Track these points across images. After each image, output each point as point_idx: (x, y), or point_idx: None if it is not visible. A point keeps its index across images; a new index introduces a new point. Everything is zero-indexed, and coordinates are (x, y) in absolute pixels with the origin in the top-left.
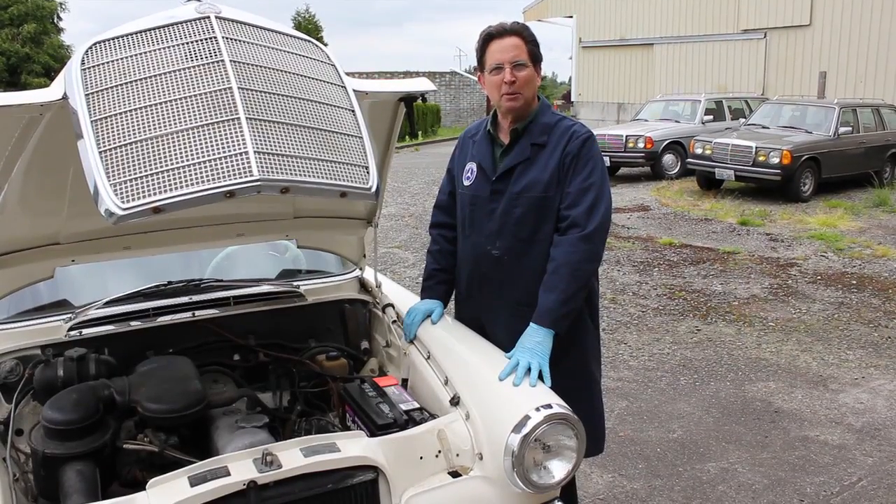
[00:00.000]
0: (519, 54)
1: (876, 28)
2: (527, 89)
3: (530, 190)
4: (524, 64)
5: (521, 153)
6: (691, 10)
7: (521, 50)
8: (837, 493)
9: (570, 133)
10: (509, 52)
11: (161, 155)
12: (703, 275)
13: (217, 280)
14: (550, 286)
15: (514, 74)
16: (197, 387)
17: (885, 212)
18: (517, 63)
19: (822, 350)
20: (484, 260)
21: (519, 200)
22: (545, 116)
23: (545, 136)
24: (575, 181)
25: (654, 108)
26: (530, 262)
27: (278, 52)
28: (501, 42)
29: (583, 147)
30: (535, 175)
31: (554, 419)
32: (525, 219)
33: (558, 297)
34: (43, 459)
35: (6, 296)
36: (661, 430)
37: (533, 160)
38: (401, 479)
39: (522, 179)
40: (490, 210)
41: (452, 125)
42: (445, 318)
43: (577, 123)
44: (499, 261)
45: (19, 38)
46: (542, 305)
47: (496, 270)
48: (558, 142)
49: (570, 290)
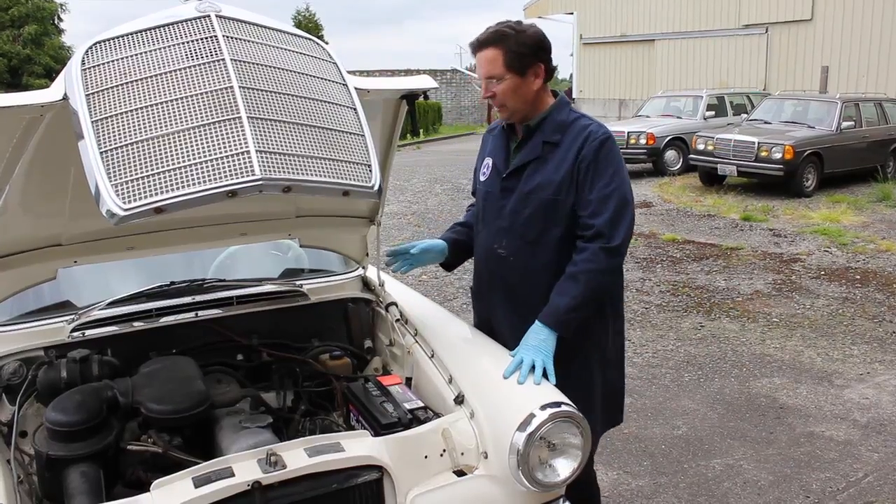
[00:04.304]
0: (492, 69)
1: (878, 22)
2: (511, 100)
3: (540, 190)
4: (500, 77)
5: (532, 151)
6: (692, 5)
7: (496, 63)
8: (843, 488)
9: (585, 134)
10: (484, 67)
11: (162, 155)
12: (706, 271)
13: (220, 280)
14: (564, 290)
15: (491, 90)
16: (200, 387)
17: (888, 206)
18: (491, 78)
19: (827, 345)
20: (490, 258)
21: (528, 200)
22: (561, 114)
23: (559, 134)
24: (596, 187)
25: (656, 105)
26: (535, 265)
27: (279, 51)
28: (479, 55)
29: (601, 150)
30: (546, 175)
31: (559, 417)
32: (533, 220)
33: (569, 302)
34: (47, 461)
35: (9, 297)
36: (665, 426)
37: (545, 159)
38: (405, 478)
39: (533, 179)
40: (499, 207)
41: (454, 123)
42: (451, 316)
43: (593, 123)
44: (504, 260)
45: (20, 40)
46: (551, 306)
47: (502, 270)
48: (573, 142)
49: (584, 298)
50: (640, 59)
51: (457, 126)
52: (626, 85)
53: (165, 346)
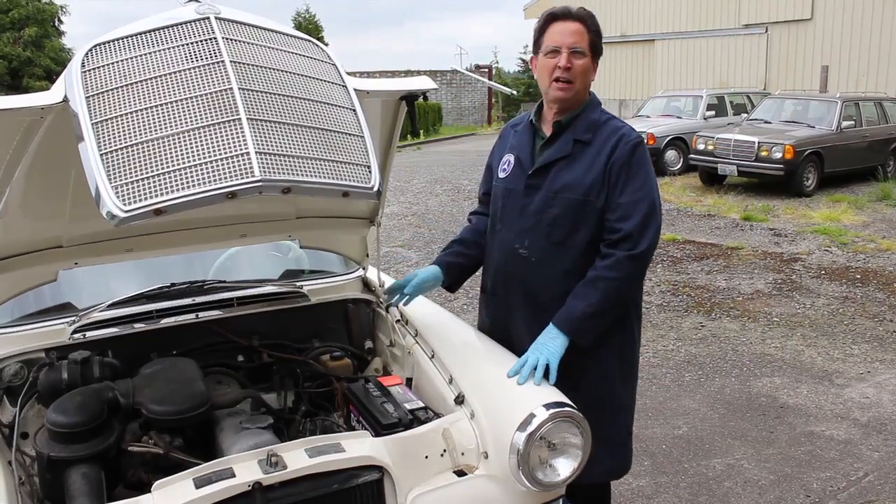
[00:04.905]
0: (579, 41)
1: (878, 21)
2: (580, 79)
3: (569, 190)
4: (583, 52)
5: (562, 148)
6: (692, 5)
7: (583, 37)
8: (844, 488)
9: (618, 136)
10: (570, 37)
11: (162, 157)
12: (706, 270)
13: (220, 281)
14: (582, 295)
15: (571, 61)
16: (201, 388)
17: (888, 206)
18: (576, 50)
19: (827, 345)
20: (511, 259)
21: (556, 200)
22: (593, 113)
23: (590, 133)
24: (626, 192)
25: (656, 105)
26: (559, 267)
27: (279, 52)
28: (564, 25)
29: (633, 154)
30: (576, 175)
31: (559, 417)
32: (560, 220)
33: (585, 308)
34: (48, 463)
35: (10, 299)
36: (666, 426)
37: (575, 158)
38: (406, 478)
39: (562, 178)
40: (522, 206)
41: (454, 124)
42: (451, 317)
43: (626, 125)
44: (525, 261)
45: (20, 42)
46: (565, 309)
47: (522, 271)
48: (604, 143)
49: (602, 305)
50: (640, 59)
51: (457, 127)
52: (626, 85)
53: (166, 347)
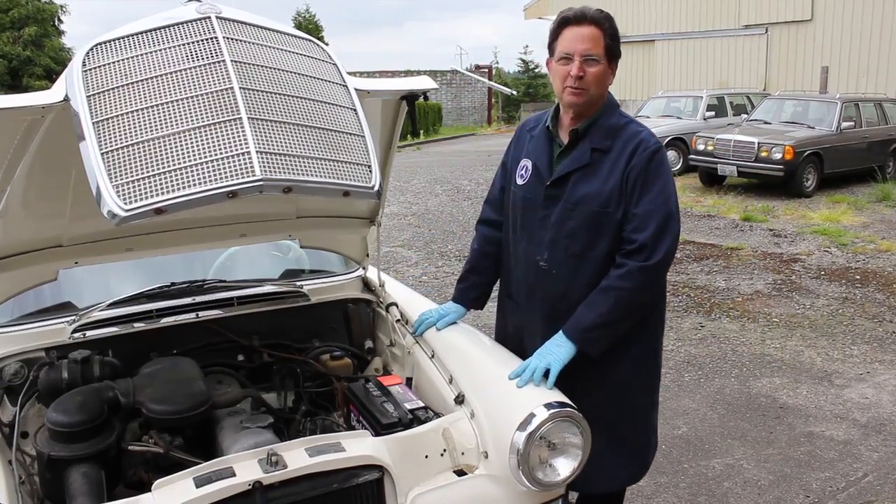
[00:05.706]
0: (592, 48)
1: (878, 22)
2: (595, 87)
3: (587, 202)
4: (596, 59)
5: (579, 158)
6: (692, 5)
7: (597, 43)
8: (843, 488)
9: (636, 142)
10: (582, 44)
11: (163, 156)
12: (706, 271)
13: (220, 281)
14: (592, 304)
15: (583, 69)
16: (201, 388)
17: (888, 206)
18: (589, 57)
19: (827, 345)
20: (532, 270)
21: (574, 212)
22: (611, 118)
23: (609, 140)
24: (642, 201)
25: (656, 105)
26: (579, 280)
27: (279, 52)
28: (577, 30)
29: (651, 161)
30: (594, 186)
31: (559, 416)
32: (578, 232)
33: (594, 318)
34: (48, 462)
35: (10, 298)
36: (665, 426)
37: (593, 168)
38: (406, 478)
39: (580, 189)
40: (542, 217)
41: (454, 124)
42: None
43: (644, 130)
44: (546, 273)
45: (20, 41)
46: (575, 317)
47: (543, 282)
48: (622, 150)
49: (611, 316)
50: (640, 59)
51: (457, 127)
52: (626, 85)
53: (166, 346)
